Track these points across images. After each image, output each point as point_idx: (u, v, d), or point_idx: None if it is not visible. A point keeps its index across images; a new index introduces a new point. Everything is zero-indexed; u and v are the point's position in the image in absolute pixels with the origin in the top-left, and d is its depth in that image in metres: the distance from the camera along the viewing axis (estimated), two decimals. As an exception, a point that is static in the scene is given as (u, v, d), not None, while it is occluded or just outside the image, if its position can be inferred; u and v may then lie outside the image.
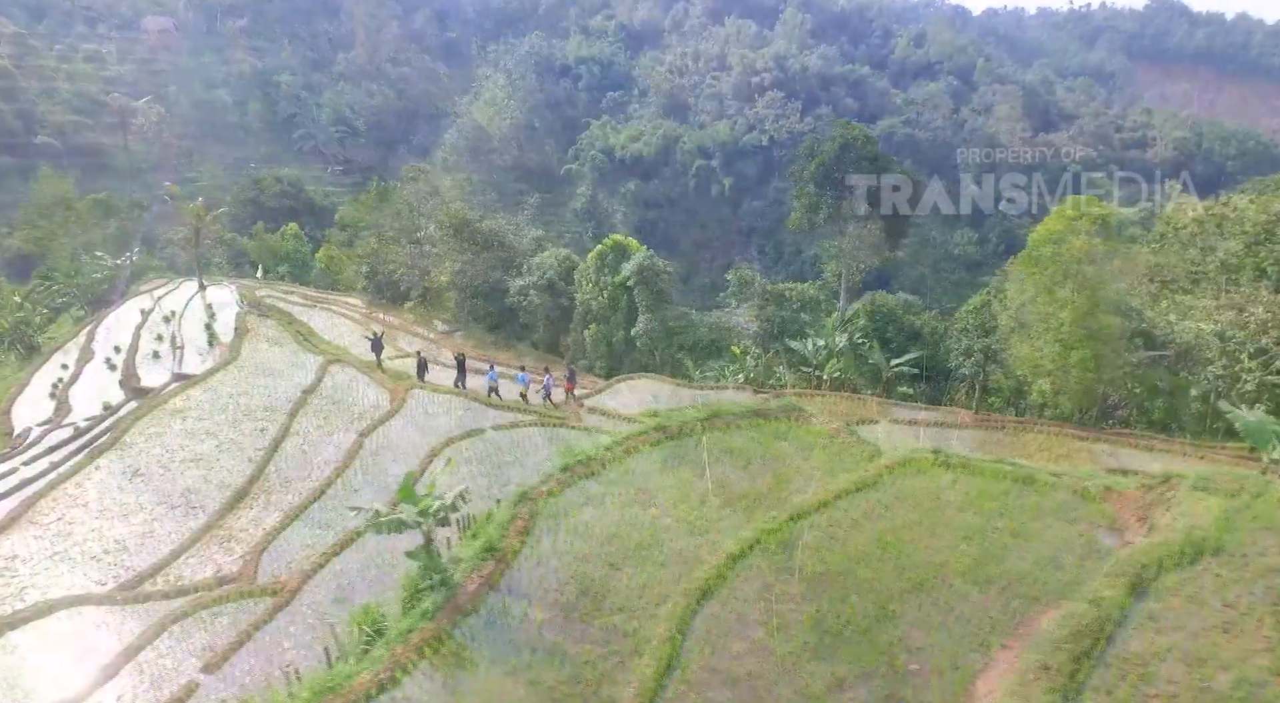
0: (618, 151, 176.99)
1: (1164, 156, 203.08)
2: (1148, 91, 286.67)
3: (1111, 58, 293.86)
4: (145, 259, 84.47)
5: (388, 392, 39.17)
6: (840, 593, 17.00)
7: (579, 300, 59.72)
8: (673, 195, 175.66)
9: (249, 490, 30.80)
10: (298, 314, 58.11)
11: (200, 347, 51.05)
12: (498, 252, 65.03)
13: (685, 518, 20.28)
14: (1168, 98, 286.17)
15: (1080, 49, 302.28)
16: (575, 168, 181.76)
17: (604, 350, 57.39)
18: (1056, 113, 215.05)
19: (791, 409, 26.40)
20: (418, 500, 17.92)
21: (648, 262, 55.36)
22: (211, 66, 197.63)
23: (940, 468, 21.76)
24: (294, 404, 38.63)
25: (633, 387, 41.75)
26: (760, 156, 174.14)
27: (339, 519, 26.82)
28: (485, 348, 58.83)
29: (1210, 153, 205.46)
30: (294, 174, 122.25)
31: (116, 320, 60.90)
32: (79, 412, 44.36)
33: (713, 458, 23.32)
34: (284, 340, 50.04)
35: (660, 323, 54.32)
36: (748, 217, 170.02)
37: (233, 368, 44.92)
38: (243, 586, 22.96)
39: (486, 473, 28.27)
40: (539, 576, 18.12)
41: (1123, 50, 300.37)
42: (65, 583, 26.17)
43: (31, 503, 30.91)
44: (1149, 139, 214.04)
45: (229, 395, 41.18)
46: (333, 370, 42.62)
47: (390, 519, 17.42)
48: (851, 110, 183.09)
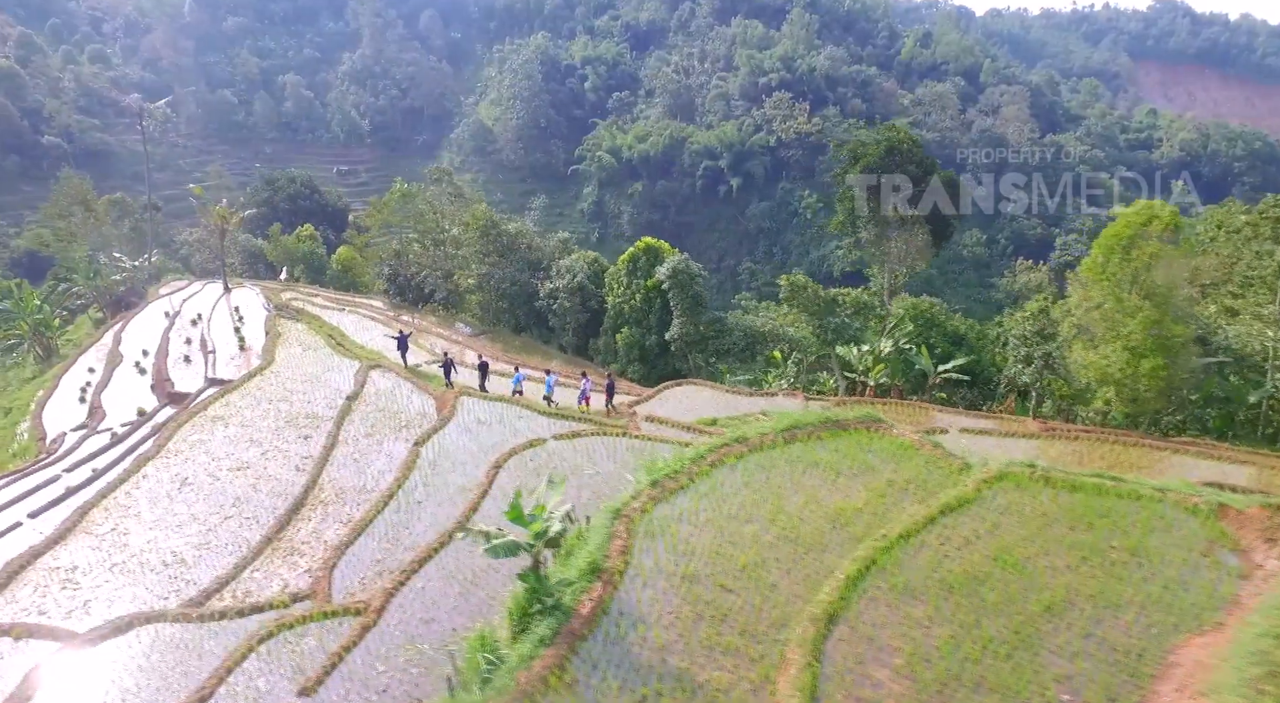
0: (625, 152, 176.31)
1: (1171, 158, 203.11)
2: (1151, 92, 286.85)
3: (1115, 58, 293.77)
4: (163, 261, 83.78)
5: (433, 399, 38.61)
6: (970, 616, 16.43)
7: (610, 304, 59.21)
8: (680, 196, 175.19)
9: (305, 501, 30.22)
10: (325, 317, 57.52)
11: (231, 351, 50.60)
12: (524, 254, 64.48)
13: (786, 535, 19.71)
14: (1171, 99, 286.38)
15: (1084, 49, 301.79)
16: (582, 168, 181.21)
17: (636, 354, 56.88)
18: (1062, 114, 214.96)
19: (870, 420, 25.84)
20: (527, 522, 17.32)
21: (682, 265, 54.89)
22: (216, 66, 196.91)
23: (1039, 483, 21.19)
24: (339, 411, 38.04)
25: (682, 393, 41.27)
26: (768, 157, 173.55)
27: (407, 533, 26.27)
28: (512, 351, 58.32)
29: (1217, 154, 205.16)
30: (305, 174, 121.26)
31: (141, 323, 60.42)
32: (113, 417, 43.99)
33: (801, 471, 22.78)
34: (317, 345, 49.44)
35: (695, 327, 53.80)
36: (755, 218, 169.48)
37: (269, 373, 44.34)
38: (322, 604, 22.36)
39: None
40: (648, 597, 17.54)
41: (1126, 51, 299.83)
42: (127, 596, 25.62)
43: (84, 512, 30.37)
44: (1155, 140, 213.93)
45: (269, 401, 40.63)
46: (374, 376, 42.00)
47: (504, 543, 16.80)
48: (859, 111, 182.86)
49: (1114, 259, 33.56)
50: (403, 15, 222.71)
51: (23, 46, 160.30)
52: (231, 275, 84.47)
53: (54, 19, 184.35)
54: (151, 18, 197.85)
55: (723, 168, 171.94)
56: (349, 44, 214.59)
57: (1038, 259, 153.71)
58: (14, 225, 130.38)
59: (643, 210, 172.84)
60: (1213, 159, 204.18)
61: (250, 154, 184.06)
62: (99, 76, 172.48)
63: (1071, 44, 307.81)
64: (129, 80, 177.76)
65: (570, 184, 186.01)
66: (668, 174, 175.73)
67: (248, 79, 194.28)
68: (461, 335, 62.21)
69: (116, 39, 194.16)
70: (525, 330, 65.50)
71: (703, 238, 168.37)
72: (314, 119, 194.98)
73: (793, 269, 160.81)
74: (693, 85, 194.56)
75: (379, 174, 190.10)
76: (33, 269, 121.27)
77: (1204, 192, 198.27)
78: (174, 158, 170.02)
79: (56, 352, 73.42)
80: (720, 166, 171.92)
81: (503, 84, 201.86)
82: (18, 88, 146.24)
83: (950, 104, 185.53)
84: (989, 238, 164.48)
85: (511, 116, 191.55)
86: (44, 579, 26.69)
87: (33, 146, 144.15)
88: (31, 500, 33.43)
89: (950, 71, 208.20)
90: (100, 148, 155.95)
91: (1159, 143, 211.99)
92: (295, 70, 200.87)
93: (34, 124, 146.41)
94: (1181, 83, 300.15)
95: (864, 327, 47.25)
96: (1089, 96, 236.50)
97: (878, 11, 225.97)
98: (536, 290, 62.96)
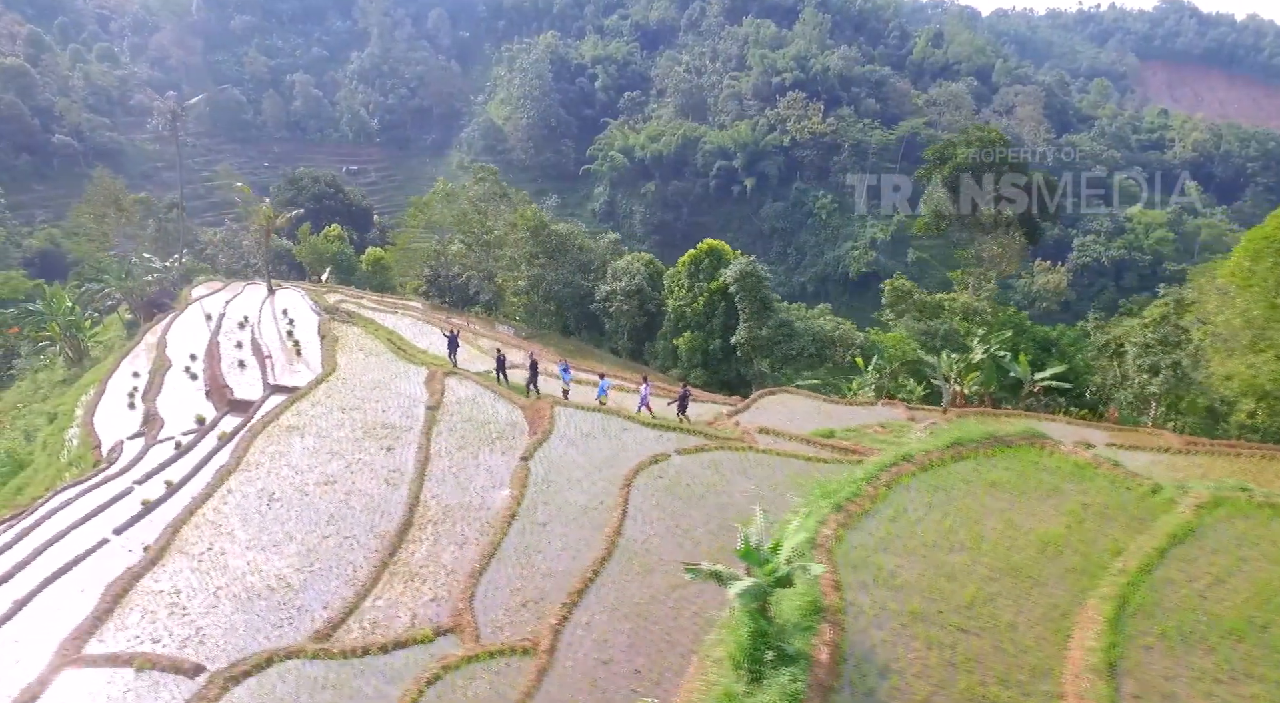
0: (637, 152, 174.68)
1: (1184, 158, 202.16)
2: (1157, 93, 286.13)
3: (1122, 59, 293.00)
4: (193, 262, 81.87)
5: (520, 408, 36.90)
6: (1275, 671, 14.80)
7: (670, 307, 57.51)
8: (692, 196, 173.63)
9: (411, 520, 28.51)
10: (378, 320, 55.69)
11: (286, 355, 48.75)
12: (576, 256, 62.82)
13: (1001, 567, 18.11)
14: (1178, 99, 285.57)
15: (1090, 50, 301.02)
16: (593, 168, 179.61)
17: (699, 359, 55.16)
18: (1074, 114, 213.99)
19: (1034, 435, 24.26)
20: (759, 560, 15.63)
21: (749, 268, 53.23)
22: (224, 65, 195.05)
23: (1262, 509, 19.63)
24: (422, 422, 36.33)
25: (778, 402, 39.58)
26: (782, 157, 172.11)
27: (540, 558, 24.54)
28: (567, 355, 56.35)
29: (1230, 155, 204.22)
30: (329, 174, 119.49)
31: (184, 326, 58.53)
32: (172, 425, 42.11)
33: (982, 492, 21.18)
34: (377, 350, 47.64)
35: (762, 331, 52.16)
36: (769, 218, 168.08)
37: (335, 380, 42.57)
38: (472, 640, 20.65)
39: (697, 507, 26.00)
40: (882, 640, 15.92)
41: (1133, 51, 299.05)
42: (240, 623, 23.94)
43: (176, 530, 28.64)
44: (1167, 141, 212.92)
45: (341, 410, 38.89)
46: (451, 384, 40.25)
47: (752, 587, 15.04)
48: (873, 111, 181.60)
49: (1264, 264, 31.90)
50: (411, 14, 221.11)
51: (32, 45, 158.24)
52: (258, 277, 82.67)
53: (62, 17, 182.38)
54: (159, 16, 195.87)
55: (736, 168, 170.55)
56: (357, 43, 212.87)
57: (1055, 260, 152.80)
58: (26, 225, 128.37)
59: (655, 210, 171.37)
60: (1225, 160, 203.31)
61: (259, 154, 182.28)
62: (107, 75, 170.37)
63: (1078, 44, 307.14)
64: (137, 79, 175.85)
65: (581, 184, 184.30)
66: (680, 174, 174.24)
67: (256, 78, 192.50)
68: (510, 337, 60.29)
69: (124, 37, 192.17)
70: (574, 333, 63.82)
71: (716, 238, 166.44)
72: (322, 118, 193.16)
73: (808, 271, 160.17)
74: (704, 85, 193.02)
75: (388, 174, 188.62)
76: (46, 268, 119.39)
77: (1217, 192, 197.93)
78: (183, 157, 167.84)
79: (87, 354, 71.58)
80: (734, 167, 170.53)
81: (512, 83, 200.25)
82: (28, 86, 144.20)
83: (965, 104, 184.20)
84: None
85: (522, 116, 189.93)
86: (149, 604, 24.96)
87: (43, 146, 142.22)
88: (110, 515, 31.69)
89: (962, 72, 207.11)
90: (110, 147, 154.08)
91: (1171, 143, 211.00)
92: (303, 69, 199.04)
93: (44, 123, 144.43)
94: (1188, 83, 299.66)
95: (969, 332, 45.57)
96: (1099, 97, 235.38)
97: (888, 11, 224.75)
98: (590, 293, 61.27)
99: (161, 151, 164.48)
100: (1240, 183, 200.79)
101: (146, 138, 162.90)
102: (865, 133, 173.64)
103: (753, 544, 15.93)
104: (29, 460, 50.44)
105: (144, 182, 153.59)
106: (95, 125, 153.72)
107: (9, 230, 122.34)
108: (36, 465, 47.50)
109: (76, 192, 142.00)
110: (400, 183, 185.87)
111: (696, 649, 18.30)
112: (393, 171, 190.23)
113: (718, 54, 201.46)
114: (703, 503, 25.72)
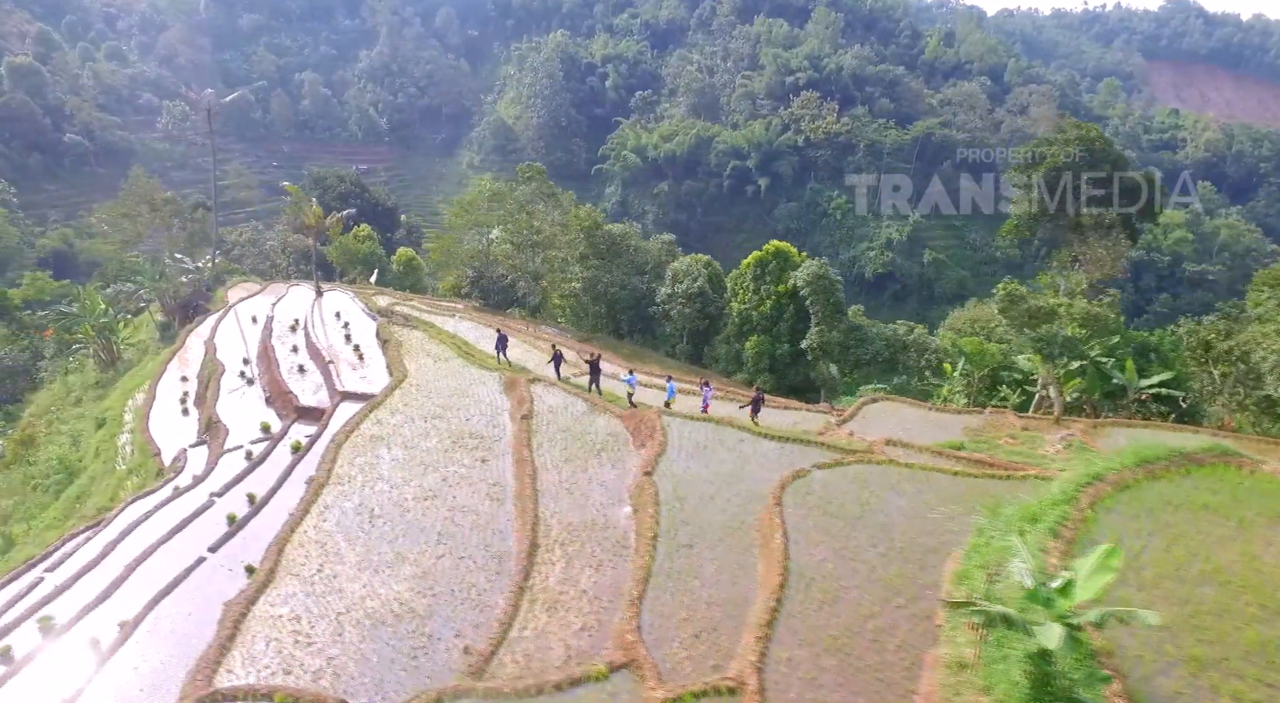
0: (650, 152, 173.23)
1: (1196, 158, 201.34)
2: (1163, 93, 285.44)
3: (1128, 59, 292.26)
4: (225, 263, 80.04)
5: (617, 417, 35.24)
6: None
7: (734, 310, 55.84)
8: (706, 196, 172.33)
9: (537, 540, 26.81)
10: (437, 323, 53.95)
11: (348, 360, 46.99)
12: (630, 257, 61.16)
13: (1264, 604, 16.53)
14: (1184, 100, 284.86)
15: (1096, 50, 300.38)
16: (605, 168, 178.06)
17: (766, 363, 53.46)
18: (1085, 114, 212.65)
19: (1224, 453, 22.71)
20: (1045, 601, 13.97)
21: (822, 271, 51.61)
22: (232, 63, 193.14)
23: None
24: (513, 431, 34.65)
25: (883, 411, 37.89)
26: (796, 157, 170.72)
27: (699, 584, 22.78)
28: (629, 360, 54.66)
29: (1243, 155, 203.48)
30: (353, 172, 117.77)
31: (230, 329, 56.82)
32: (237, 433, 40.23)
33: (1196, 517, 19.62)
34: (445, 354, 46.07)
35: (834, 336, 50.55)
36: (783, 218, 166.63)
37: (410, 387, 40.95)
38: (653, 677, 18.96)
39: (859, 528, 24.25)
40: (1173, 692, 14.31)
41: (1139, 51, 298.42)
42: (371, 653, 22.23)
43: (280, 550, 26.93)
44: (1179, 141, 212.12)
45: (423, 419, 37.23)
46: (538, 392, 38.55)
47: (1065, 636, 13.32)
48: (887, 110, 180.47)
49: None
50: (419, 12, 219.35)
51: (42, 43, 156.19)
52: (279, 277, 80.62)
53: (70, 15, 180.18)
54: (166, 15, 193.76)
55: (750, 168, 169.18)
56: (366, 42, 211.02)
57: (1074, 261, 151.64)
58: (39, 225, 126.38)
59: (668, 210, 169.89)
60: (1238, 160, 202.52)
61: (267, 153, 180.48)
62: (116, 73, 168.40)
63: (1083, 44, 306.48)
64: (146, 78, 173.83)
65: (593, 183, 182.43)
66: (694, 174, 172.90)
67: (264, 77, 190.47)
68: (563, 339, 58.38)
69: (131, 36, 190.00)
70: (626, 336, 62.16)
71: (729, 238, 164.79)
72: (331, 117, 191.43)
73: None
74: (717, 84, 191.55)
75: (397, 173, 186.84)
76: (60, 268, 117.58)
77: (1229, 192, 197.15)
78: (192, 156, 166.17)
79: (120, 357, 69.76)
80: (748, 167, 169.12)
81: (522, 82, 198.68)
82: (38, 85, 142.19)
83: (979, 104, 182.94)
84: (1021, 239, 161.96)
85: (532, 115, 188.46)
86: (270, 631, 23.23)
87: (54, 145, 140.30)
88: (197, 531, 29.91)
89: (974, 71, 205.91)
90: (121, 146, 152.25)
91: (1182, 143, 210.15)
92: (312, 68, 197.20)
93: (55, 122, 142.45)
94: (1194, 83, 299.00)
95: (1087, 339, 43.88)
96: (1109, 96, 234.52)
97: (898, 11, 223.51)
98: (646, 295, 59.61)
99: (171, 151, 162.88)
100: (1253, 183, 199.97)
101: (156, 136, 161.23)
102: (880, 133, 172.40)
103: (1027, 583, 14.32)
104: (80, 467, 48.80)
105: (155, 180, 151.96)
106: (105, 124, 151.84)
107: (23, 230, 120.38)
108: (92, 472, 45.85)
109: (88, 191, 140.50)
110: (410, 182, 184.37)
111: (921, 692, 16.71)
112: (402, 171, 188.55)
113: (729, 53, 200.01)
114: (863, 524, 24.05)
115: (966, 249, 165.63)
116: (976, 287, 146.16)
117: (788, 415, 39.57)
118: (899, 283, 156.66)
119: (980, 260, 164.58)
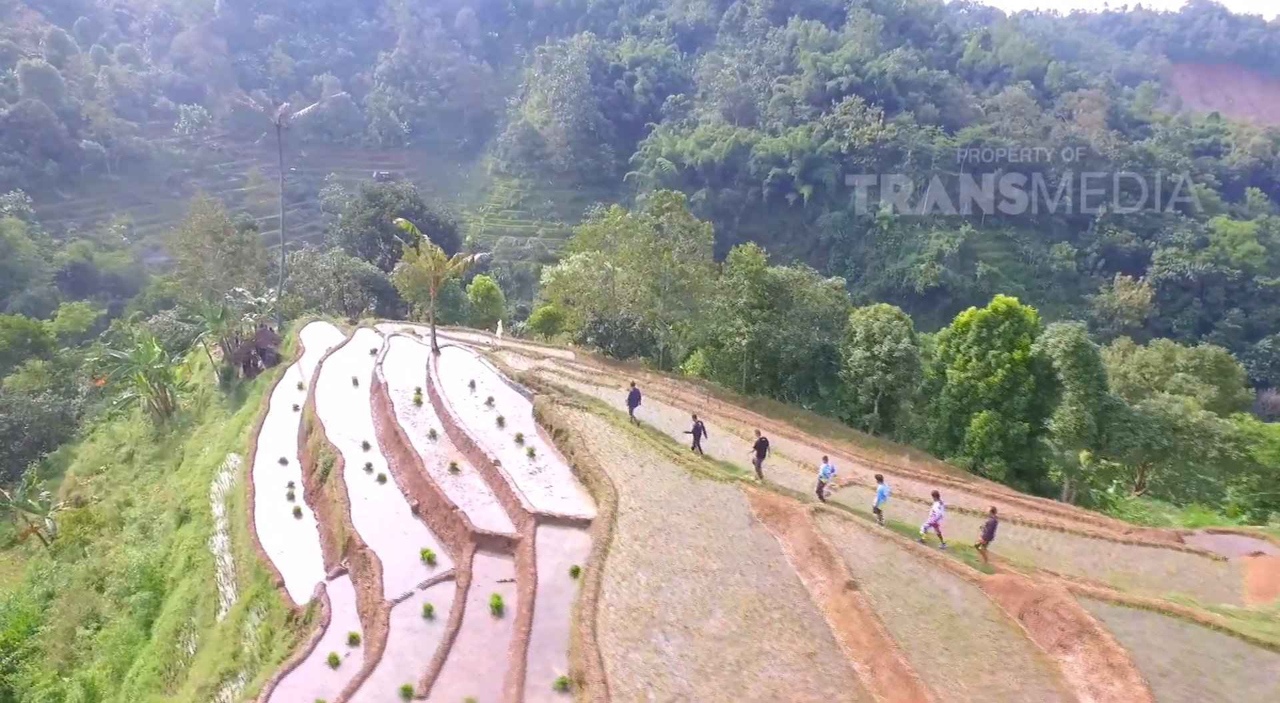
0: (686, 158, 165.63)
1: (1243, 164, 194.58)
2: (1187, 95, 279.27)
3: (1152, 60, 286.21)
4: (296, 298, 71.65)
5: (967, 579, 26.13)
6: None
7: (953, 379, 47.02)
8: (744, 205, 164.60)
9: None
10: (598, 396, 43.21)
11: (516, 460, 36.37)
12: (802, 307, 52.71)
13: None
14: (1209, 102, 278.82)
15: (1119, 52, 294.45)
16: (636, 175, 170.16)
17: (997, 446, 44.96)
18: (1125, 118, 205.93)
19: None
20: None
21: (1082, 338, 43.27)
22: (248, 65, 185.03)
23: None
24: (846, 609, 24.97)
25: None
26: (839, 164, 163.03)
27: None
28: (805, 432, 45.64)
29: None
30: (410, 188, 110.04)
31: (329, 391, 48.30)
32: (390, 565, 30.13)
33: None
34: (650, 457, 35.25)
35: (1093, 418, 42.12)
36: (826, 228, 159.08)
37: (632, 514, 30.67)
38: None
39: None
40: None
41: (1163, 53, 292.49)
42: None
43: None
44: (1222, 146, 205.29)
45: (682, 574, 27.29)
46: (829, 527, 28.92)
47: None
48: (933, 116, 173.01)
49: None
50: (439, 13, 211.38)
51: (55, 46, 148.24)
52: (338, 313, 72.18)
53: (82, 16, 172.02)
54: (180, 16, 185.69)
55: (791, 176, 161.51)
56: (384, 43, 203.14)
57: (1134, 274, 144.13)
58: (56, 236, 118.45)
59: (704, 219, 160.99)
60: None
61: (286, 157, 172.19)
62: (131, 77, 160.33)
63: (1105, 46, 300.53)
64: (161, 81, 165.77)
65: (622, 190, 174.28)
66: (730, 181, 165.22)
67: (281, 79, 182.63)
68: (706, 401, 49.12)
69: (145, 37, 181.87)
70: (790, 399, 53.47)
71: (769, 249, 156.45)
72: (350, 121, 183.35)
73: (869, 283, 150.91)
74: (752, 88, 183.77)
75: (419, 178, 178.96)
76: (77, 282, 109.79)
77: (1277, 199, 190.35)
78: (209, 161, 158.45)
79: (176, 408, 61.89)
80: (788, 174, 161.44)
81: (547, 86, 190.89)
82: (53, 89, 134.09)
83: (1028, 110, 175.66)
84: (1078, 251, 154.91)
85: (559, 119, 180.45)
86: None
87: (71, 151, 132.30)
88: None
89: (1013, 75, 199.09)
90: (137, 152, 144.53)
91: (1226, 149, 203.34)
92: (330, 70, 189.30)
93: (71, 127, 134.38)
94: (1219, 86, 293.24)
95: None
96: (1146, 100, 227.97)
97: (932, 12, 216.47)
98: (820, 352, 51.09)
99: (188, 156, 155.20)
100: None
101: (173, 142, 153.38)
102: (928, 139, 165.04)
103: None
104: (165, 577, 40.09)
105: (170, 187, 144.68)
106: (122, 129, 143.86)
107: (40, 243, 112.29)
108: (187, 593, 36.92)
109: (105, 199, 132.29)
110: (433, 188, 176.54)
111: None
112: (424, 176, 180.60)
113: (763, 56, 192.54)
114: None
115: (1019, 261, 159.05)
116: (1030, 300, 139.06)
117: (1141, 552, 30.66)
118: (950, 297, 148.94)
119: (1034, 273, 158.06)
